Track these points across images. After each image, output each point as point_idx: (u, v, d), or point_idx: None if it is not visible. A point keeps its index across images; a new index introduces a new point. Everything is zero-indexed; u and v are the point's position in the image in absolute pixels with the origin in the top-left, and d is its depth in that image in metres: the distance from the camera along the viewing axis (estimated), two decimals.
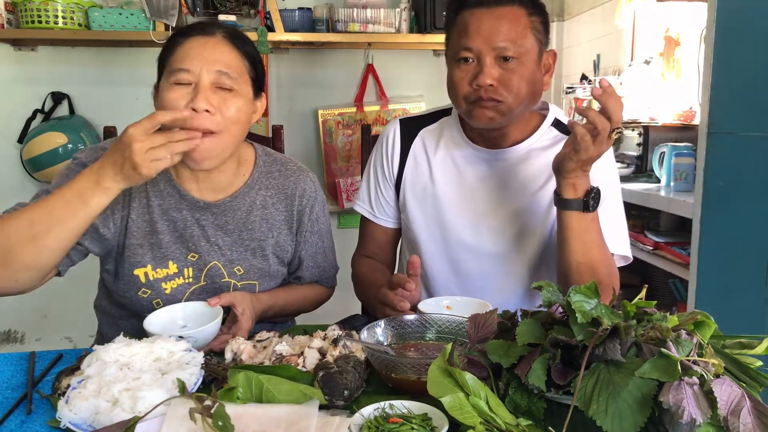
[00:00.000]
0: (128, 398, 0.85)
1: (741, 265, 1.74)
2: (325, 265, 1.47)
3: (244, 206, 1.33)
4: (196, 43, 1.21)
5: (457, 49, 1.29)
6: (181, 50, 1.20)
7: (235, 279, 1.32)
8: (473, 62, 1.28)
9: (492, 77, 1.26)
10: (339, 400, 0.89)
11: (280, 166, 1.40)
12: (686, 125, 2.43)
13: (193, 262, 1.30)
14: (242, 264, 1.33)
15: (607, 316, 0.84)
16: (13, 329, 3.05)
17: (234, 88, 1.21)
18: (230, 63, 1.21)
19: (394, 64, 3.14)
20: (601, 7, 2.93)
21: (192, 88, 1.17)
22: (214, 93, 1.18)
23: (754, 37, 1.69)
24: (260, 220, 1.34)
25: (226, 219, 1.32)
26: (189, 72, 1.17)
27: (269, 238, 1.35)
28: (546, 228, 1.40)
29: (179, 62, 1.18)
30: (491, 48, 1.25)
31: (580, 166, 1.19)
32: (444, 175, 1.44)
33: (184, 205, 1.29)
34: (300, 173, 1.41)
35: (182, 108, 1.14)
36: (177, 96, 1.16)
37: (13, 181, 2.96)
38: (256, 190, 1.35)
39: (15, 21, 2.76)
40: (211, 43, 1.21)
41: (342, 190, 3.07)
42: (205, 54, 1.19)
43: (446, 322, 1.10)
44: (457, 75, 1.30)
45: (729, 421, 0.75)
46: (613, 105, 1.12)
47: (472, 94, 1.29)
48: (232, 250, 1.32)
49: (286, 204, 1.38)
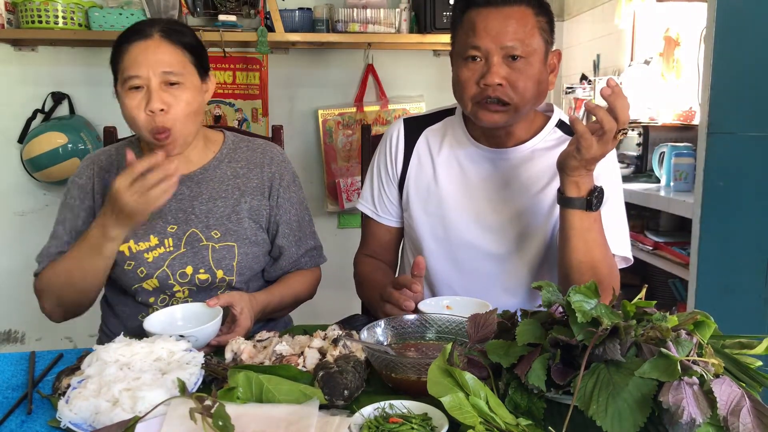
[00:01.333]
0: (128, 398, 0.85)
1: (741, 265, 1.74)
2: (302, 235, 1.51)
3: (215, 177, 1.45)
4: (139, 48, 1.31)
5: (465, 47, 1.29)
6: (128, 57, 1.31)
7: (212, 242, 1.40)
8: (481, 61, 1.28)
9: (500, 76, 1.26)
10: (339, 400, 0.90)
11: (248, 142, 1.53)
12: (686, 125, 2.43)
13: (172, 233, 1.40)
14: (218, 228, 1.41)
15: (607, 316, 0.84)
16: (14, 329, 3.05)
17: (180, 82, 1.32)
18: (172, 61, 1.32)
19: (394, 64, 3.14)
20: (601, 7, 2.93)
21: (144, 91, 1.30)
22: (164, 91, 1.30)
23: (754, 37, 1.69)
24: (232, 188, 1.45)
25: (200, 190, 1.43)
26: (139, 77, 1.29)
27: (242, 203, 1.44)
28: (548, 228, 1.40)
29: (128, 69, 1.30)
30: (499, 47, 1.25)
31: (583, 164, 1.19)
32: (447, 174, 1.44)
33: None
34: (267, 146, 1.53)
35: (142, 118, 1.30)
36: (133, 102, 1.30)
37: (13, 181, 2.96)
38: (226, 163, 1.47)
39: (15, 21, 2.76)
40: (152, 46, 1.31)
41: (342, 190, 3.07)
42: (148, 58, 1.30)
43: (446, 322, 1.10)
44: (465, 74, 1.30)
45: (729, 421, 0.75)
46: (620, 105, 1.12)
47: (480, 94, 1.28)
48: (209, 217, 1.42)
49: (257, 172, 1.48)
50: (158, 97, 1.29)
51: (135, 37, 1.32)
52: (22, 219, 2.99)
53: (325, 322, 1.20)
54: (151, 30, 1.33)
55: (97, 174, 1.43)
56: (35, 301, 1.38)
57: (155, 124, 1.29)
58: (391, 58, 3.13)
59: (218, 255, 1.39)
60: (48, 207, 2.99)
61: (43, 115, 2.92)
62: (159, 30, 1.33)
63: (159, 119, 1.29)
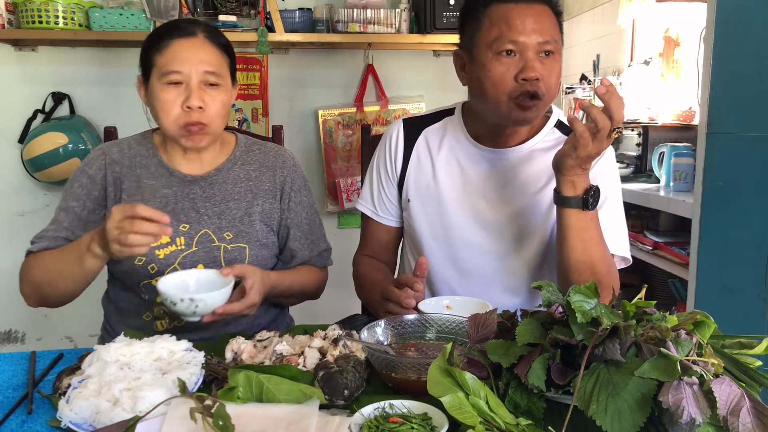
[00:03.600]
0: (129, 398, 0.86)
1: (740, 264, 1.74)
2: (313, 238, 1.53)
3: (229, 179, 1.46)
4: (182, 45, 1.34)
5: (499, 41, 1.26)
6: (169, 52, 1.33)
7: (225, 243, 1.41)
8: (515, 56, 1.27)
9: (538, 71, 1.26)
10: (339, 400, 0.90)
11: (260, 146, 1.54)
12: (686, 125, 2.43)
13: (185, 232, 1.40)
14: (231, 230, 1.42)
15: (607, 316, 0.84)
16: (14, 329, 3.05)
17: (219, 83, 1.36)
18: (213, 61, 1.36)
19: (394, 65, 3.14)
20: (601, 7, 2.93)
21: (183, 88, 1.33)
22: (203, 90, 1.33)
23: (753, 37, 1.69)
24: (245, 190, 1.46)
25: (213, 191, 1.44)
26: (180, 73, 1.32)
27: (255, 206, 1.45)
28: (547, 228, 1.40)
29: (169, 65, 1.32)
30: (537, 42, 1.26)
31: (579, 163, 1.19)
32: (447, 173, 1.44)
33: (174, 181, 1.42)
34: (278, 149, 1.55)
35: (176, 112, 1.32)
36: (170, 97, 1.32)
37: (13, 181, 2.96)
38: (239, 165, 1.48)
39: (15, 21, 2.76)
40: (196, 45, 1.35)
41: (342, 190, 3.07)
42: (192, 55, 1.33)
43: (446, 322, 1.10)
44: (499, 69, 1.27)
45: (728, 421, 0.75)
46: (615, 104, 1.13)
47: (518, 89, 1.26)
48: (221, 218, 1.42)
49: (269, 175, 1.49)
50: (198, 95, 1.32)
51: (178, 34, 1.34)
52: (22, 219, 2.99)
53: (325, 322, 1.20)
54: (195, 29, 1.36)
55: (108, 166, 1.42)
56: None
57: (190, 119, 1.32)
58: (391, 58, 3.13)
59: (230, 256, 1.40)
60: (48, 207, 2.99)
61: (43, 115, 2.92)
62: (202, 30, 1.36)
63: (195, 116, 1.32)
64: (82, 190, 1.40)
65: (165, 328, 1.41)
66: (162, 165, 1.43)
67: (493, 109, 1.31)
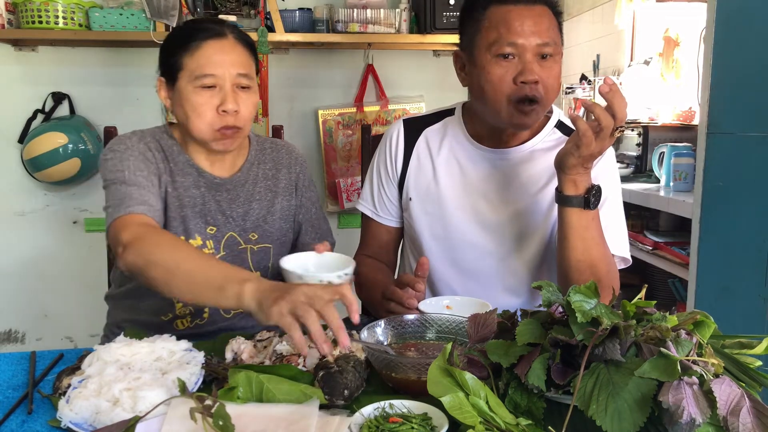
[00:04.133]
0: (129, 398, 0.86)
1: (740, 264, 1.74)
2: (321, 232, 1.54)
3: (249, 180, 1.45)
4: (214, 47, 1.31)
5: (498, 44, 1.26)
6: (201, 54, 1.30)
7: (251, 245, 1.42)
8: (514, 59, 1.27)
9: (537, 74, 1.26)
10: (339, 400, 0.90)
11: (270, 143, 1.54)
12: (686, 125, 2.43)
13: (212, 235, 1.39)
14: (255, 230, 1.43)
15: (607, 316, 0.84)
16: (14, 329, 3.05)
17: (250, 86, 1.35)
18: (245, 63, 1.34)
19: (394, 65, 3.14)
20: (601, 7, 2.93)
21: (216, 91, 1.30)
22: (236, 93, 1.32)
23: (754, 37, 1.70)
24: (265, 190, 1.47)
25: (237, 193, 1.43)
26: (214, 77, 1.30)
27: (276, 204, 1.47)
28: (547, 228, 1.40)
29: (203, 67, 1.29)
30: (536, 44, 1.26)
31: (581, 162, 1.19)
32: (447, 174, 1.45)
33: (202, 182, 1.40)
34: (288, 146, 1.56)
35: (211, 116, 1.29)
36: (201, 100, 1.30)
37: (13, 181, 2.95)
38: (256, 165, 1.48)
39: (15, 21, 2.76)
40: (228, 47, 1.32)
41: (342, 190, 3.07)
42: (225, 58, 1.31)
43: (446, 322, 1.10)
44: (498, 71, 1.27)
45: (728, 421, 0.75)
46: (618, 103, 1.13)
47: (517, 92, 1.26)
48: (246, 220, 1.42)
49: (285, 173, 1.50)
50: (233, 98, 1.30)
51: (207, 35, 1.31)
52: (22, 219, 2.99)
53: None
54: (224, 29, 1.33)
55: (151, 149, 1.35)
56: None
57: (225, 123, 1.30)
58: (391, 58, 3.13)
59: (257, 257, 1.42)
60: (48, 207, 3.00)
61: (43, 115, 2.92)
62: (231, 30, 1.34)
63: (230, 120, 1.30)
64: (141, 163, 1.31)
65: (186, 327, 1.39)
66: (190, 164, 1.39)
67: (493, 112, 1.31)
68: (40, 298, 3.00)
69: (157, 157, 1.35)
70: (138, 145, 1.34)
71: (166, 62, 1.35)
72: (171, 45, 1.34)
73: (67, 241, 3.01)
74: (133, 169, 1.30)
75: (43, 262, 2.99)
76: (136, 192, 1.27)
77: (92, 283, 2.70)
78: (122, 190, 1.26)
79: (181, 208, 1.37)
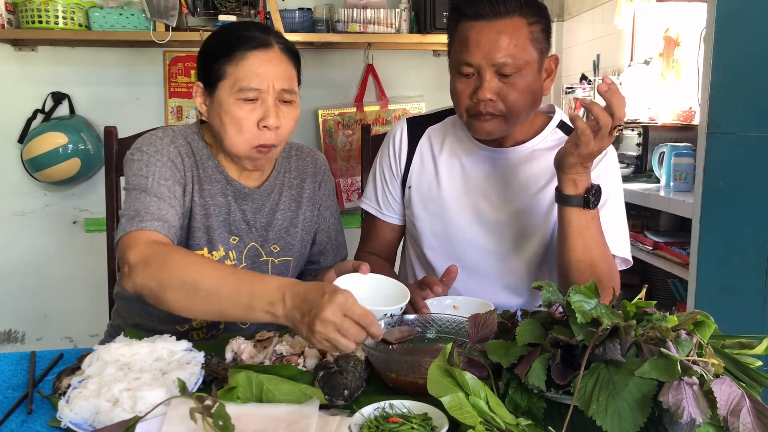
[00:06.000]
0: (129, 398, 0.86)
1: (741, 265, 1.74)
2: (337, 245, 1.52)
3: (276, 189, 1.41)
4: (260, 59, 1.24)
5: (458, 63, 1.30)
6: (246, 66, 1.23)
7: (272, 257, 1.39)
8: (473, 76, 1.29)
9: (491, 91, 1.27)
10: (339, 400, 0.90)
11: (296, 150, 1.48)
12: (686, 125, 2.43)
13: (235, 245, 1.35)
14: (278, 242, 1.39)
15: (607, 316, 0.84)
16: (14, 329, 3.05)
17: (293, 100, 1.29)
18: (290, 77, 1.28)
19: (394, 65, 3.14)
20: (601, 7, 2.93)
21: (258, 104, 1.25)
22: (278, 107, 1.26)
23: (753, 37, 1.69)
24: (289, 200, 1.42)
25: (263, 202, 1.38)
26: (258, 90, 1.23)
27: (299, 215, 1.43)
28: (548, 228, 1.40)
29: (247, 80, 1.23)
30: (491, 63, 1.26)
31: (580, 161, 1.19)
32: (449, 173, 1.45)
33: (230, 190, 1.35)
34: (313, 153, 1.50)
35: (252, 131, 1.24)
36: (242, 113, 1.24)
37: (13, 181, 2.95)
38: (282, 173, 1.43)
39: (15, 21, 2.76)
40: (274, 59, 1.26)
41: (342, 190, 3.07)
42: (270, 71, 1.24)
43: (446, 322, 1.10)
44: (458, 87, 1.32)
45: (729, 421, 0.75)
46: (616, 101, 1.13)
47: (473, 107, 1.30)
48: (268, 231, 1.38)
49: (309, 182, 1.46)
50: (275, 114, 1.25)
51: (252, 45, 1.24)
52: (22, 219, 2.99)
53: None
54: (270, 38, 1.27)
55: (182, 154, 1.29)
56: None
57: (263, 141, 1.25)
58: (391, 58, 3.13)
59: (278, 270, 1.39)
60: (48, 207, 3.00)
61: (43, 115, 2.92)
62: (277, 40, 1.28)
63: (270, 136, 1.25)
64: (168, 181, 1.24)
65: (201, 337, 1.36)
66: (219, 170, 1.33)
67: (462, 122, 1.37)
68: (40, 298, 3.00)
69: (186, 163, 1.29)
70: (168, 149, 1.27)
71: (205, 68, 1.27)
72: (210, 51, 1.27)
73: (67, 241, 3.01)
74: (158, 177, 1.24)
75: (43, 262, 2.99)
76: (155, 205, 1.20)
77: (92, 283, 2.70)
78: (141, 200, 1.20)
79: (206, 217, 1.32)
